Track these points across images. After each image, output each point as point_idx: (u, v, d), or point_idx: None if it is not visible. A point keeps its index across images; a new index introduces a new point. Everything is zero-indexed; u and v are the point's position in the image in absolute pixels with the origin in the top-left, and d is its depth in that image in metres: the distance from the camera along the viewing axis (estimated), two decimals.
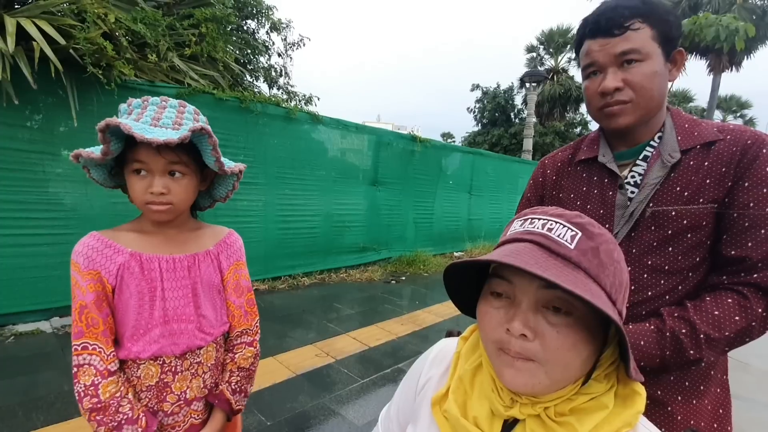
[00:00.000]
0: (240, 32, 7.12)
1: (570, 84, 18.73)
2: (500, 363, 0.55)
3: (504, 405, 0.56)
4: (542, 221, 0.55)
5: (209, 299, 1.02)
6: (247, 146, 4.58)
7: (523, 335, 0.51)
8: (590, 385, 0.54)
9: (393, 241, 6.69)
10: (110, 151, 0.84)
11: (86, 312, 0.87)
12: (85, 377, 0.86)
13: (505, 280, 0.55)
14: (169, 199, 0.90)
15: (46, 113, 3.28)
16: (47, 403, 2.32)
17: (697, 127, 0.89)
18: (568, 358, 0.51)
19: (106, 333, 0.89)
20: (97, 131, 0.80)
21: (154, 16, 4.18)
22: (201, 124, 0.85)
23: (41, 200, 3.32)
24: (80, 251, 0.89)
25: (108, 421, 0.86)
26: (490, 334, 0.56)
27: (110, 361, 0.88)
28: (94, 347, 0.87)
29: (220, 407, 1.04)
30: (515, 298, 0.54)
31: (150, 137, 0.79)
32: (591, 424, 0.52)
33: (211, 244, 1.05)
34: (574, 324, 0.51)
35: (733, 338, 0.79)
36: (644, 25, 0.83)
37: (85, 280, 0.87)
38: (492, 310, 0.56)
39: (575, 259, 0.51)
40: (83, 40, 3.05)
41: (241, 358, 1.08)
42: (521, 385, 0.52)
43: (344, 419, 2.38)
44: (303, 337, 3.54)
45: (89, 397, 0.85)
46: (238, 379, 1.07)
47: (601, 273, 0.51)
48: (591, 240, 0.52)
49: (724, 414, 0.91)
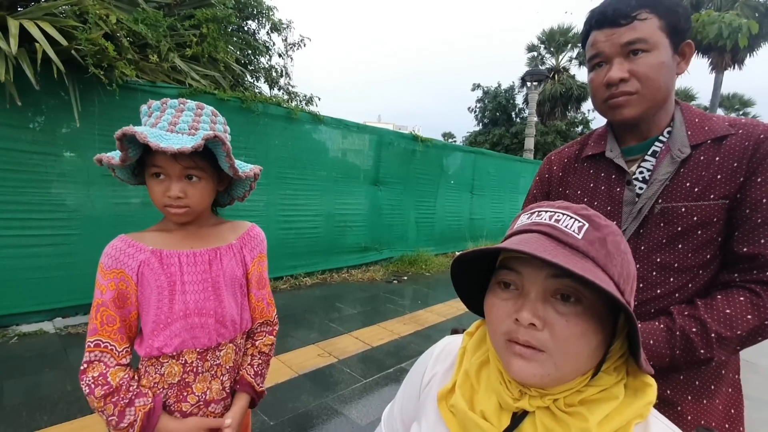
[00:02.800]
0: (241, 33, 7.11)
1: (571, 83, 18.69)
2: (509, 355, 0.54)
3: (513, 397, 0.56)
4: (549, 213, 0.55)
5: (231, 294, 1.03)
6: (249, 146, 4.58)
7: (531, 325, 0.51)
8: (600, 377, 0.53)
9: (395, 241, 6.68)
10: (128, 157, 0.88)
11: (102, 309, 0.90)
12: (94, 371, 0.88)
13: (513, 271, 0.55)
14: (186, 202, 0.93)
15: (48, 114, 3.28)
16: (51, 403, 2.33)
17: (708, 121, 0.87)
18: (578, 348, 0.51)
19: (122, 330, 0.92)
20: (115, 140, 0.83)
21: (156, 17, 4.18)
22: (213, 132, 0.86)
23: (44, 201, 3.32)
24: (106, 252, 0.93)
25: (121, 398, 0.88)
26: (499, 326, 0.55)
27: (122, 357, 0.91)
28: (106, 344, 0.90)
29: (243, 390, 1.06)
30: (523, 288, 0.54)
31: (164, 146, 0.81)
32: (601, 414, 0.51)
33: (233, 238, 1.07)
34: (582, 313, 0.51)
35: (745, 337, 0.77)
36: (652, 15, 0.82)
37: (105, 279, 0.90)
38: (499, 302, 0.56)
39: (583, 248, 0.51)
40: (85, 41, 3.05)
41: (262, 344, 1.12)
42: (530, 376, 0.52)
43: (347, 419, 2.37)
44: (305, 337, 3.53)
45: (100, 386, 0.87)
46: (260, 362, 1.10)
47: (608, 263, 0.51)
48: (598, 231, 0.52)
49: (736, 414, 0.90)
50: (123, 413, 0.87)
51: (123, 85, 3.43)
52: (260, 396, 1.10)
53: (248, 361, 1.10)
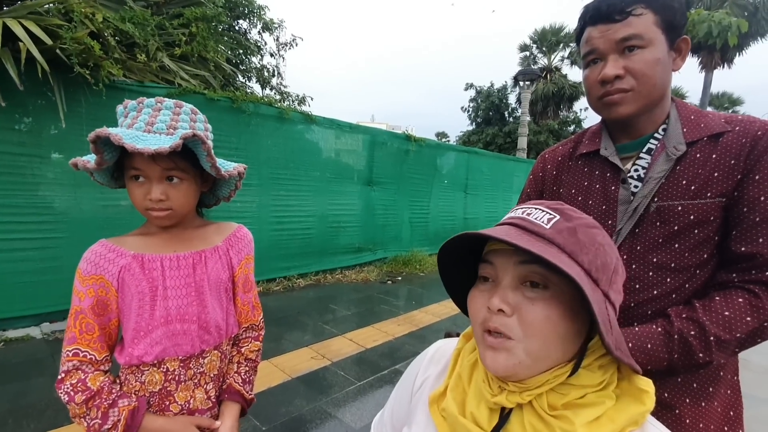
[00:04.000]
0: (231, 32, 7.04)
1: (563, 82, 18.78)
2: (483, 348, 0.55)
3: (491, 393, 0.56)
4: (523, 209, 0.58)
5: (216, 298, 0.99)
6: (240, 147, 4.53)
7: (500, 310, 0.53)
8: (580, 375, 0.52)
9: (388, 241, 6.65)
10: (105, 160, 0.84)
11: (81, 317, 0.86)
12: (72, 379, 0.85)
13: (488, 263, 0.57)
14: (168, 205, 0.89)
15: (34, 115, 3.22)
16: (38, 410, 2.27)
17: (704, 118, 0.85)
18: (545, 331, 0.51)
19: (101, 339, 0.88)
20: (89, 143, 0.79)
21: (143, 16, 4.12)
22: (192, 131, 0.82)
23: (30, 204, 3.26)
24: (86, 257, 0.89)
25: (104, 400, 0.85)
26: (476, 316, 0.57)
27: (101, 365, 0.88)
28: (85, 354, 0.86)
29: (232, 399, 1.03)
30: (497, 277, 0.56)
31: (141, 147, 0.77)
32: (587, 417, 0.50)
33: (219, 240, 1.03)
34: (550, 298, 0.52)
35: (744, 339, 0.76)
36: (647, 10, 0.80)
37: (84, 286, 0.87)
38: (478, 293, 0.58)
39: (548, 236, 0.53)
40: (70, 40, 2.99)
41: (248, 350, 1.09)
42: (501, 367, 0.53)
43: (341, 422, 2.34)
44: (298, 339, 3.49)
45: (81, 392, 0.84)
46: (247, 369, 1.08)
47: (578, 251, 0.52)
48: (568, 222, 0.54)
49: (735, 417, 0.88)
50: (106, 415, 0.85)
51: (110, 85, 3.37)
52: (250, 404, 1.08)
53: (235, 369, 1.06)
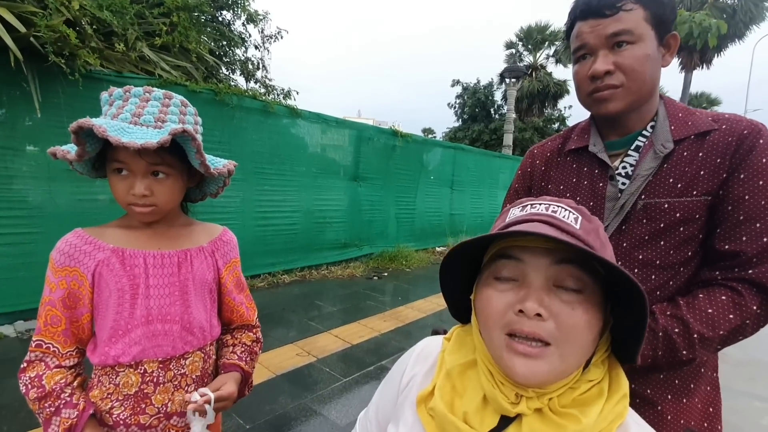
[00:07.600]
0: (215, 23, 6.88)
1: (548, 80, 18.97)
2: (510, 356, 0.51)
3: (510, 402, 0.53)
4: (545, 205, 0.56)
5: (200, 299, 0.96)
6: (223, 140, 4.44)
7: (537, 315, 0.49)
8: (590, 370, 0.53)
9: (375, 237, 6.63)
10: (86, 152, 0.80)
11: (48, 309, 0.84)
12: (32, 372, 0.84)
13: (513, 260, 0.54)
14: (152, 201, 0.85)
15: (7, 106, 3.10)
16: (12, 411, 2.20)
17: (691, 116, 0.86)
18: (583, 337, 0.50)
19: (67, 333, 0.85)
20: (71, 133, 0.74)
21: (122, 4, 3.99)
22: (182, 127, 0.78)
23: (3, 198, 3.14)
24: (59, 247, 0.85)
25: (49, 405, 0.83)
26: (497, 319, 0.53)
27: (65, 359, 0.86)
28: (48, 346, 0.84)
29: (230, 370, 0.98)
30: (525, 277, 0.52)
31: (126, 141, 0.73)
32: (593, 414, 0.50)
33: (204, 241, 1.00)
34: (585, 301, 0.50)
35: (726, 337, 0.76)
36: (637, 6, 0.80)
37: (56, 277, 0.84)
38: (497, 294, 0.54)
39: (583, 237, 0.51)
40: (45, 28, 2.87)
41: (244, 337, 1.07)
42: (536, 374, 0.49)
43: (326, 419, 2.32)
44: (283, 336, 3.46)
45: (35, 388, 0.82)
46: (242, 350, 1.04)
47: (603, 253, 0.51)
48: (590, 222, 0.54)
49: (714, 412, 0.89)
50: (48, 422, 0.83)
51: (87, 75, 3.26)
52: (248, 379, 1.03)
53: (230, 350, 1.03)
